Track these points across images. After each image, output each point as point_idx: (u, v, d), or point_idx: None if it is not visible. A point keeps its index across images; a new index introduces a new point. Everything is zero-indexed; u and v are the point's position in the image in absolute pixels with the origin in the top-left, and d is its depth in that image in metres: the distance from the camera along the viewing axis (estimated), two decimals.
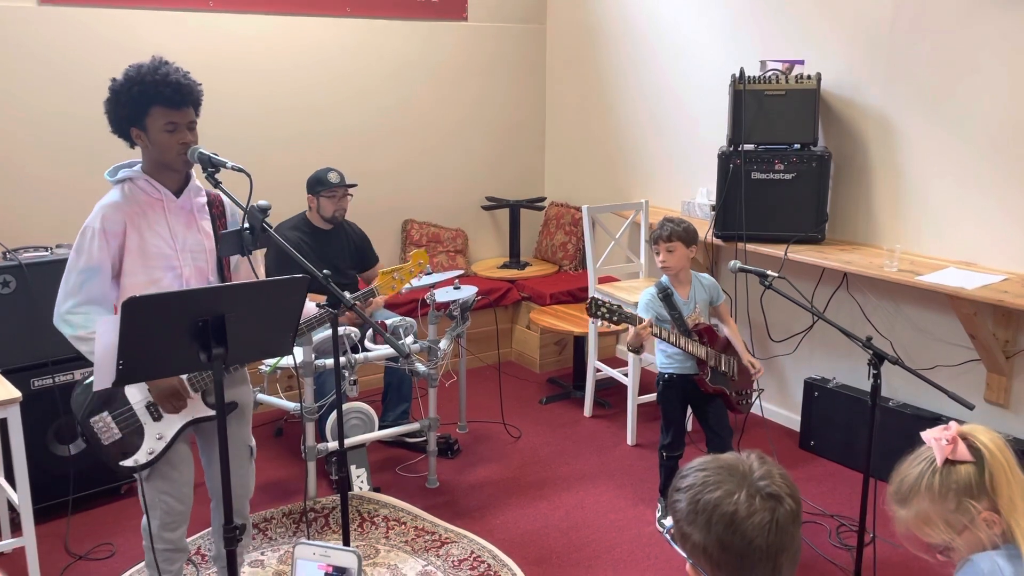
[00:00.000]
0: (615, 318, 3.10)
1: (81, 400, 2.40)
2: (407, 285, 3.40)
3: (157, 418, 2.41)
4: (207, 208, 2.48)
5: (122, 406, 2.40)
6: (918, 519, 1.56)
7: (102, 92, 2.37)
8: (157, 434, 2.41)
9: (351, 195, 4.11)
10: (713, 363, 3.31)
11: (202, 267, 2.45)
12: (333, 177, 3.99)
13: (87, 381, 2.40)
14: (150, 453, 2.40)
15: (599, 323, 3.17)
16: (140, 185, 2.38)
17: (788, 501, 1.28)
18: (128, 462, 2.39)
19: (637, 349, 3.21)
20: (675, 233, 3.27)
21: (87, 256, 2.32)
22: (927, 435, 1.59)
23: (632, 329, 3.14)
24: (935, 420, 3.56)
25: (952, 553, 1.55)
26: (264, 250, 3.79)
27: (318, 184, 4.01)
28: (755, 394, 3.54)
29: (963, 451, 1.53)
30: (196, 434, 2.61)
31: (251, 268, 2.52)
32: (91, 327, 2.28)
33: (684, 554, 1.34)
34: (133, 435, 2.40)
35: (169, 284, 2.38)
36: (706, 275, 3.49)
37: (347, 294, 2.53)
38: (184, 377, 2.39)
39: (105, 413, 2.38)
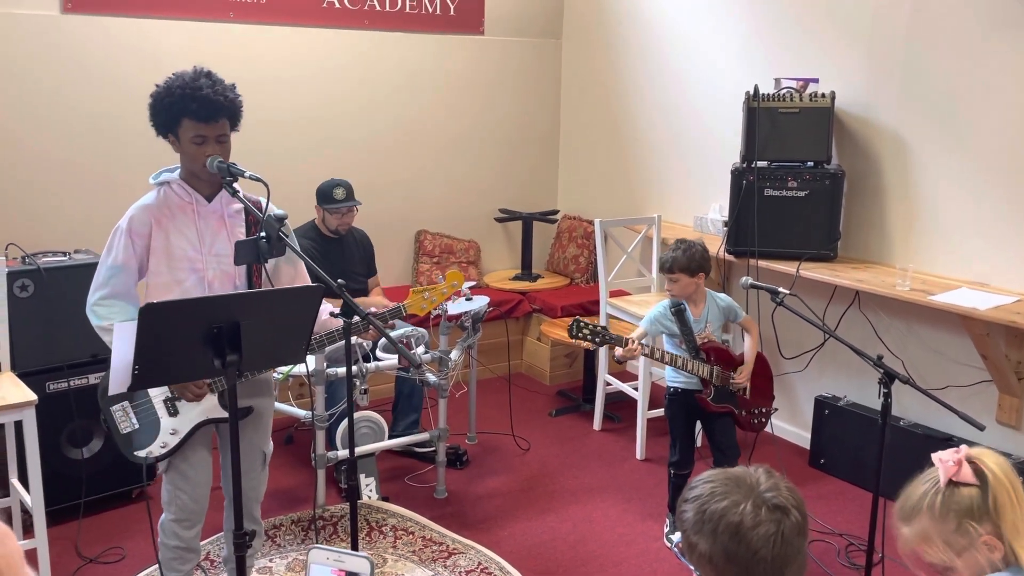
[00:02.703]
0: (598, 340, 3.09)
1: (107, 390, 2.45)
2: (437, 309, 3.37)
3: (173, 413, 2.46)
4: (243, 215, 2.52)
5: (142, 399, 2.47)
6: (919, 538, 1.57)
7: (123, 100, 2.42)
8: (171, 429, 2.46)
9: (356, 210, 4.14)
10: (718, 382, 3.30)
11: (228, 272, 2.48)
12: (339, 194, 4.03)
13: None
14: (163, 447, 2.45)
15: (585, 345, 3.16)
16: (175, 188, 2.45)
17: (794, 513, 1.29)
18: (142, 453, 2.45)
19: (623, 360, 3.20)
20: (677, 264, 3.24)
21: (114, 255, 2.41)
22: (936, 456, 1.60)
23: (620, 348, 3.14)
24: (946, 440, 3.55)
25: (952, 574, 1.55)
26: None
27: (323, 198, 4.06)
28: (772, 413, 3.51)
29: (967, 473, 1.53)
30: (217, 435, 2.64)
31: (267, 274, 2.54)
32: (114, 318, 2.38)
33: (691, 566, 1.35)
34: (150, 428, 2.46)
35: (192, 286, 2.44)
36: (723, 295, 3.48)
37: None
38: None
39: (126, 403, 2.46)
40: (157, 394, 2.47)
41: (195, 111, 2.32)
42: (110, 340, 2.36)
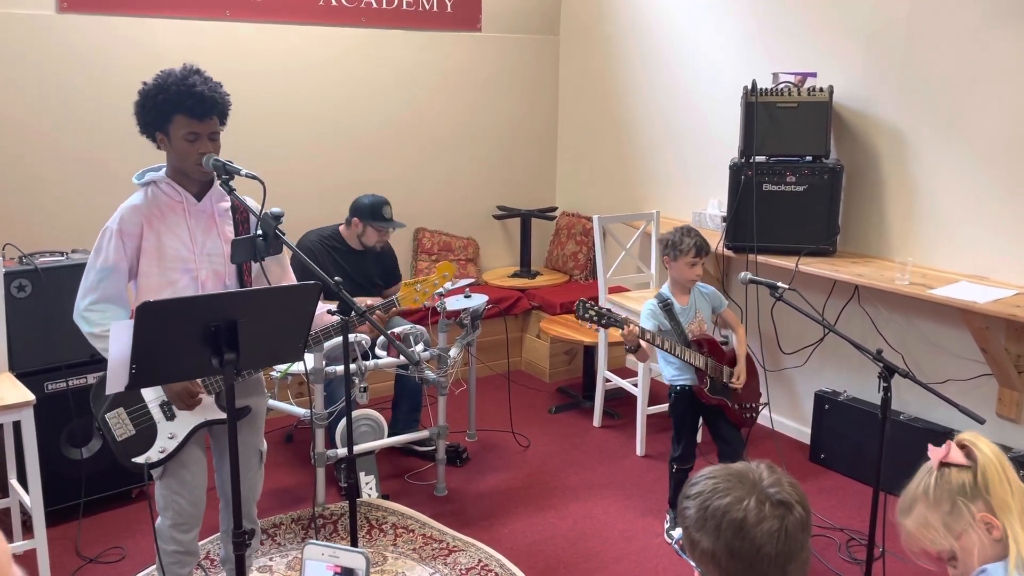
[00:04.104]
0: (604, 321, 3.12)
1: (99, 396, 2.43)
2: (427, 301, 3.37)
3: (170, 417, 2.44)
4: (230, 213, 2.50)
5: (137, 404, 2.44)
6: (919, 526, 1.58)
7: (119, 99, 2.41)
8: (169, 433, 2.44)
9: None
10: (713, 373, 3.31)
11: (220, 271, 2.47)
12: (387, 212, 3.98)
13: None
14: (162, 452, 2.43)
15: (589, 326, 3.25)
16: (163, 188, 2.42)
17: (798, 509, 1.28)
18: (140, 459, 2.42)
19: (634, 349, 3.18)
20: (704, 250, 3.35)
21: (104, 256, 2.37)
22: (930, 445, 1.63)
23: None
24: (946, 434, 3.54)
25: (956, 562, 1.55)
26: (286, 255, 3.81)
27: (372, 215, 3.98)
28: (761, 408, 3.52)
29: (956, 455, 1.56)
30: (210, 436, 2.63)
31: (264, 274, 2.53)
32: (106, 324, 2.33)
33: (693, 563, 1.34)
34: (147, 433, 2.43)
35: (185, 286, 2.41)
36: (705, 284, 3.50)
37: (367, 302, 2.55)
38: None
39: (121, 409, 2.43)
40: (153, 398, 2.45)
41: (191, 108, 2.31)
42: (102, 347, 2.34)
